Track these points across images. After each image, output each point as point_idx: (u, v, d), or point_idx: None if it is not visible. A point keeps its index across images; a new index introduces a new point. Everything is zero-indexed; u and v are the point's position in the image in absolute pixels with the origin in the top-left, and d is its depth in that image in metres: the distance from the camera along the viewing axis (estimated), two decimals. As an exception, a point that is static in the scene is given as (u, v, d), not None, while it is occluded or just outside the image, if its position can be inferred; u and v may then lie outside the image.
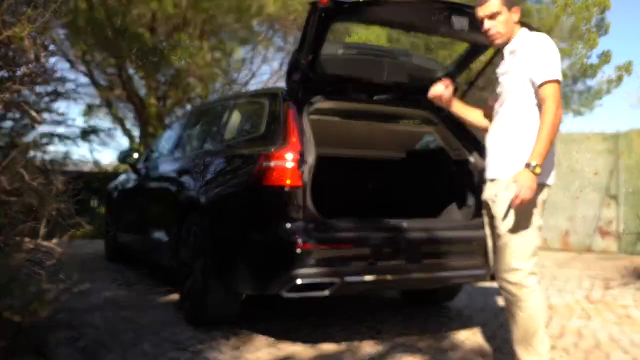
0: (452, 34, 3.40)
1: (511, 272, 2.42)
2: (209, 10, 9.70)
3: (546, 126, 2.31)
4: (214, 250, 3.24)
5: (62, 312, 3.63)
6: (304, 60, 3.04)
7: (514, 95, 2.47)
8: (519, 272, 2.41)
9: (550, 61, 2.37)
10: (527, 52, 2.43)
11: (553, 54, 2.40)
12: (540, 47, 2.40)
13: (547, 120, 2.30)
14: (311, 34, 2.91)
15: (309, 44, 2.97)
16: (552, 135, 2.31)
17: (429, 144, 4.57)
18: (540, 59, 2.38)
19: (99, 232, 7.50)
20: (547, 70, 2.35)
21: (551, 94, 2.32)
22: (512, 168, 2.40)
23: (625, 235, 8.15)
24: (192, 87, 10.09)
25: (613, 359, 3.00)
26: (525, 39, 2.48)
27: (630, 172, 8.14)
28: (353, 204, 4.44)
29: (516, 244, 2.41)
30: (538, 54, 2.39)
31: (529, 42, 2.45)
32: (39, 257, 2.64)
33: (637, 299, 4.64)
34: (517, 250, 2.41)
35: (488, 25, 2.49)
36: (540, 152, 2.29)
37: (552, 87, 2.33)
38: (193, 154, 4.17)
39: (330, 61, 3.36)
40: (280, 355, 2.90)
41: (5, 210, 2.46)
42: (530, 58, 2.40)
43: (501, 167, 2.48)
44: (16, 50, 2.74)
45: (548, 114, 2.31)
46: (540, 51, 2.39)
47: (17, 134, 3.00)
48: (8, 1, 2.69)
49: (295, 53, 3.18)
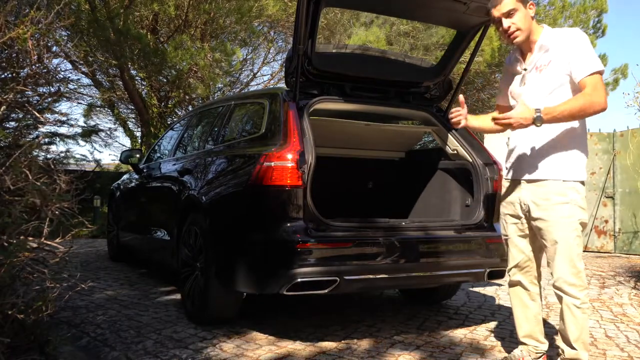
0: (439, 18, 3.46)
1: (575, 275, 2.41)
2: (210, 12, 9.74)
3: (576, 100, 2.30)
4: (214, 249, 3.27)
5: (65, 311, 3.69)
6: (300, 44, 3.05)
7: (550, 93, 2.44)
8: (582, 273, 2.43)
9: (592, 53, 2.37)
10: (565, 47, 2.40)
11: (590, 46, 2.39)
12: (579, 40, 2.39)
13: (580, 98, 2.30)
14: (303, 21, 2.94)
15: (302, 29, 2.99)
16: (577, 109, 2.29)
17: (428, 144, 4.62)
18: (581, 52, 2.36)
19: (102, 231, 7.54)
20: (590, 62, 2.34)
21: (597, 83, 2.31)
22: (561, 169, 2.42)
23: (621, 234, 8.19)
24: (193, 88, 10.12)
25: (609, 356, 3.03)
26: (559, 34, 2.46)
27: (626, 171, 8.18)
28: (353, 204, 4.48)
29: (572, 244, 2.41)
30: (578, 48, 2.37)
31: (565, 37, 2.43)
32: (42, 256, 2.66)
33: (633, 297, 4.67)
34: (574, 251, 2.42)
35: (507, 23, 2.46)
36: (554, 112, 2.29)
37: (598, 77, 2.33)
38: (194, 154, 4.20)
39: (326, 57, 3.41)
40: (281, 352, 2.93)
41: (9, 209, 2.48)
42: (570, 52, 2.38)
43: (547, 168, 2.46)
44: (19, 52, 2.77)
45: (584, 95, 2.30)
46: (580, 45, 2.38)
47: (21, 134, 3.02)
48: (11, 3, 2.72)
49: (292, 47, 3.22)
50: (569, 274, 2.42)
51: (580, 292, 2.42)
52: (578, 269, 2.42)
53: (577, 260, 2.42)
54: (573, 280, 2.42)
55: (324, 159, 3.62)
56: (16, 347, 2.48)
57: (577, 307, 2.41)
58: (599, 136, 8.47)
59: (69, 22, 7.17)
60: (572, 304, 2.42)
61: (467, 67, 3.72)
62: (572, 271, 2.42)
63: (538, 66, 2.49)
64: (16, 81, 2.79)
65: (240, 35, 10.44)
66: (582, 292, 2.42)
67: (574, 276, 2.42)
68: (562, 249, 2.42)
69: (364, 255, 3.01)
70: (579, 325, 2.42)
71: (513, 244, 2.70)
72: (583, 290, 2.43)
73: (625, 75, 12.61)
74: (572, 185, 2.43)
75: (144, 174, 5.24)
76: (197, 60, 9.03)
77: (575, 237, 2.43)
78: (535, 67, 2.51)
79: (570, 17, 12.10)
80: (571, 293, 2.42)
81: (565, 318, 2.45)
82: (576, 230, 2.43)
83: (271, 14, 10.15)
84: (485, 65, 11.50)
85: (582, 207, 2.44)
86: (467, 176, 3.62)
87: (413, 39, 11.86)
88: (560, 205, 2.42)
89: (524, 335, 2.74)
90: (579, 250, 2.44)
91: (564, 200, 2.41)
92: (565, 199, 2.41)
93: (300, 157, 2.93)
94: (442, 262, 3.27)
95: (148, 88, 11.40)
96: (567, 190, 2.42)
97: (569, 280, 2.42)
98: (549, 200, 2.45)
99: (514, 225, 2.67)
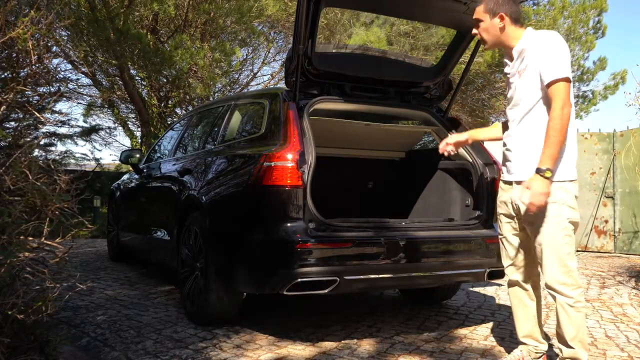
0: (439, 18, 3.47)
1: (565, 273, 2.41)
2: (210, 12, 9.75)
3: (553, 127, 2.30)
4: (214, 249, 3.27)
5: (65, 311, 3.69)
6: (300, 44, 3.05)
7: (531, 96, 2.45)
8: (573, 272, 2.42)
9: (559, 59, 2.34)
10: (536, 51, 2.41)
11: (561, 51, 2.36)
12: (548, 45, 2.38)
13: (554, 122, 2.30)
14: (303, 21, 2.93)
15: (302, 29, 2.99)
16: (560, 136, 2.30)
17: (428, 144, 4.62)
18: (549, 57, 2.36)
19: (102, 231, 7.55)
20: (555, 68, 2.33)
21: (558, 92, 2.31)
22: None
23: (621, 234, 8.19)
24: (193, 88, 10.12)
25: (609, 356, 3.03)
26: (533, 38, 2.46)
27: (626, 171, 8.17)
28: (353, 204, 4.48)
29: (560, 244, 2.41)
30: (546, 53, 2.37)
31: (537, 40, 2.43)
32: (42, 256, 2.66)
33: (633, 297, 4.67)
34: (563, 250, 2.41)
35: (474, 30, 2.60)
36: (550, 155, 2.30)
37: (560, 85, 2.31)
38: (194, 154, 4.20)
39: (326, 57, 3.41)
40: (281, 353, 2.93)
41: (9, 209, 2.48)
42: (540, 56, 2.38)
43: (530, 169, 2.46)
44: (19, 52, 2.76)
45: (555, 114, 2.30)
46: (549, 49, 2.37)
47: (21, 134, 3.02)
48: (11, 3, 2.72)
49: (292, 47, 3.22)
50: (559, 273, 2.42)
51: (572, 291, 2.41)
52: (569, 267, 2.42)
53: (568, 259, 2.42)
54: (564, 279, 2.42)
55: (324, 159, 3.62)
56: (16, 347, 2.48)
57: (571, 306, 2.41)
58: (599, 136, 8.46)
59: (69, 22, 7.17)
60: (566, 303, 2.42)
61: (467, 67, 3.72)
62: (562, 270, 2.41)
63: (520, 71, 2.51)
64: (16, 81, 2.78)
65: (240, 35, 10.45)
66: (575, 290, 2.42)
67: (565, 275, 2.41)
68: (550, 249, 2.42)
69: (364, 255, 3.01)
70: (575, 324, 2.42)
71: (508, 243, 2.72)
72: (576, 289, 2.42)
73: (625, 81, 12.68)
74: (559, 185, 2.42)
75: (144, 174, 5.24)
76: (197, 60, 9.04)
77: (564, 236, 2.42)
78: (517, 72, 2.53)
79: (570, 17, 12.10)
80: (563, 292, 2.42)
81: (560, 317, 2.45)
82: (565, 229, 2.42)
83: (271, 14, 10.15)
84: (486, 66, 11.51)
85: (570, 206, 2.44)
86: (467, 176, 3.62)
87: (413, 39, 11.87)
88: (547, 205, 2.42)
89: (523, 335, 2.74)
90: (569, 250, 2.44)
91: (551, 200, 2.40)
92: (552, 199, 2.40)
93: (300, 157, 2.93)
94: (442, 262, 3.27)
95: (148, 88, 11.40)
96: (554, 190, 2.41)
97: (559, 279, 2.42)
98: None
99: (508, 224, 2.69)
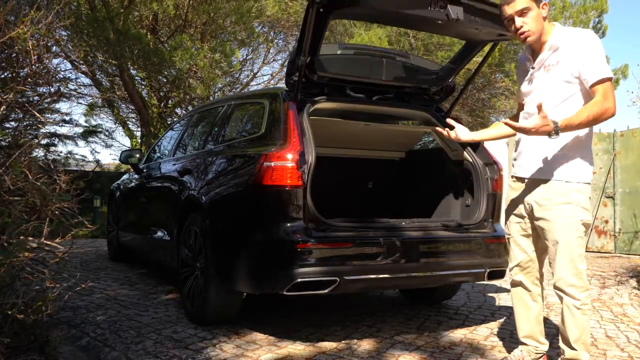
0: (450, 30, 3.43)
1: (575, 275, 2.41)
2: (210, 12, 9.75)
3: (589, 108, 2.28)
4: (214, 249, 3.27)
5: (65, 311, 3.69)
6: (303, 57, 3.04)
7: (557, 92, 2.43)
8: (582, 274, 2.42)
9: (602, 59, 2.35)
10: (575, 48, 2.38)
11: (602, 51, 2.37)
12: (590, 44, 2.36)
13: (592, 106, 2.28)
14: (309, 30, 2.91)
15: (308, 42, 2.97)
16: (590, 119, 2.28)
17: (428, 144, 4.61)
18: (592, 56, 2.34)
19: (102, 231, 7.55)
20: (601, 68, 2.32)
21: (606, 91, 2.30)
22: (565, 170, 2.42)
23: (621, 235, 8.19)
24: (193, 88, 10.12)
25: (609, 356, 3.03)
26: (569, 35, 2.44)
27: (627, 171, 8.18)
28: (353, 204, 4.48)
29: (573, 245, 2.41)
30: (589, 52, 2.35)
31: (575, 38, 2.41)
32: (42, 256, 2.66)
33: (633, 298, 4.67)
34: (575, 252, 2.41)
35: (519, 22, 2.44)
36: (571, 122, 2.27)
37: (607, 85, 2.31)
38: (194, 154, 4.20)
39: (329, 61, 3.40)
40: (281, 353, 2.93)
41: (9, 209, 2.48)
42: (581, 55, 2.36)
43: (552, 168, 2.45)
44: (19, 52, 2.76)
45: (596, 103, 2.29)
46: (591, 49, 2.35)
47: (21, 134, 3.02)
48: (11, 3, 2.72)
49: (294, 52, 3.21)
50: (570, 275, 2.41)
51: (580, 293, 2.41)
52: (579, 269, 2.42)
53: (579, 261, 2.42)
54: (573, 281, 2.41)
55: (324, 159, 3.62)
56: (16, 347, 2.48)
57: (577, 308, 2.41)
58: (599, 136, 8.46)
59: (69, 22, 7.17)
60: (572, 305, 2.42)
61: (473, 76, 3.75)
62: (573, 272, 2.41)
63: (546, 65, 2.48)
64: (16, 81, 2.79)
65: (240, 35, 10.46)
66: (583, 293, 2.42)
67: (575, 277, 2.41)
68: (563, 250, 2.42)
69: (364, 255, 3.01)
70: (579, 326, 2.42)
71: (515, 243, 2.70)
72: (584, 292, 2.42)
73: (626, 76, 12.63)
74: (575, 187, 2.43)
75: (144, 174, 5.24)
76: (197, 61, 9.04)
77: (577, 237, 2.42)
78: (543, 66, 2.50)
79: (571, 17, 12.10)
80: (571, 294, 2.42)
81: (565, 319, 2.45)
82: (578, 231, 2.42)
83: (271, 14, 10.16)
84: (486, 66, 11.51)
85: (585, 208, 2.44)
86: (467, 176, 3.62)
87: (413, 39, 11.88)
88: (562, 206, 2.42)
89: (524, 336, 2.74)
90: (581, 251, 2.44)
91: (566, 201, 2.41)
92: (567, 199, 2.41)
93: (300, 157, 2.93)
94: (442, 262, 3.27)
95: (148, 88, 11.41)
96: (569, 191, 2.42)
97: (569, 281, 2.42)
98: (551, 201, 2.46)
99: (517, 225, 2.67)
